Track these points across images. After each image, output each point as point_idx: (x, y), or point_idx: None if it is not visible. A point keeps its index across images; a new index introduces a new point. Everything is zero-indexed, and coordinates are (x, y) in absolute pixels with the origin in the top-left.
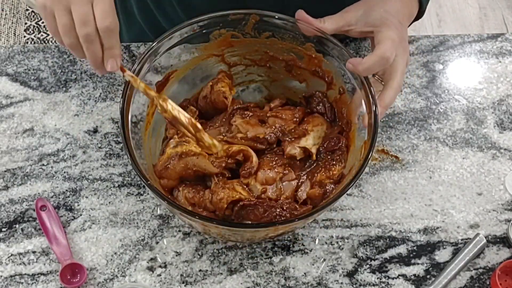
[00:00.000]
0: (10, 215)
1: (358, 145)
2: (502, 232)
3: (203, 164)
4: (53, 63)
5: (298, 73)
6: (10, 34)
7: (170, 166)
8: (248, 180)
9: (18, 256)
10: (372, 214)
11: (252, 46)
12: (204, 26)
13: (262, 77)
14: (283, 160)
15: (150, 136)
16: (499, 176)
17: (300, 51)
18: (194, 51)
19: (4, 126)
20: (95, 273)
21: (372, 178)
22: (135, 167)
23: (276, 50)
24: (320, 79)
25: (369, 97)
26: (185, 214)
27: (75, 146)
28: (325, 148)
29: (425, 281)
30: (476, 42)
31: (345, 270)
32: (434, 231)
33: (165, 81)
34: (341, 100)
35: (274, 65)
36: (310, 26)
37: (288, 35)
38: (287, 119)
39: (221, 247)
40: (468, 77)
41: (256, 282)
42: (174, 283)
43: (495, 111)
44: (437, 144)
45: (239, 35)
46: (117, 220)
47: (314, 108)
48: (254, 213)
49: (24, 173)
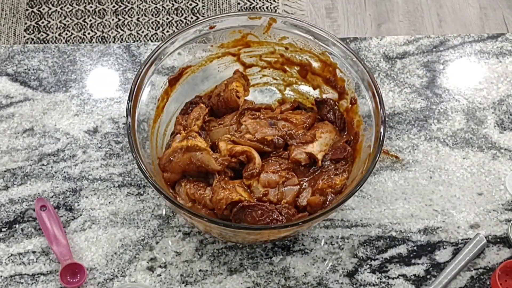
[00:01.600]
0: (10, 215)
1: (363, 157)
2: (502, 232)
3: (207, 160)
4: (53, 63)
5: (312, 79)
6: (10, 34)
7: (174, 160)
8: (251, 182)
9: (18, 256)
10: (373, 214)
11: (269, 48)
12: (222, 25)
13: (276, 81)
14: (288, 164)
15: (158, 130)
16: (500, 176)
17: (315, 57)
18: (209, 48)
19: (4, 126)
20: (95, 273)
21: (372, 178)
22: (140, 164)
23: (292, 54)
24: (332, 88)
25: (379, 108)
26: (188, 214)
27: (75, 146)
28: (330, 156)
29: (425, 281)
30: (476, 42)
31: (345, 270)
32: (435, 231)
33: (178, 76)
34: (352, 110)
35: (289, 69)
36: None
37: (305, 40)
38: (297, 124)
39: (221, 247)
40: (468, 77)
41: (256, 282)
42: (174, 283)
43: (496, 111)
44: (438, 144)
45: (256, 36)
46: (117, 220)
47: (324, 116)
48: (251, 215)
49: (24, 173)
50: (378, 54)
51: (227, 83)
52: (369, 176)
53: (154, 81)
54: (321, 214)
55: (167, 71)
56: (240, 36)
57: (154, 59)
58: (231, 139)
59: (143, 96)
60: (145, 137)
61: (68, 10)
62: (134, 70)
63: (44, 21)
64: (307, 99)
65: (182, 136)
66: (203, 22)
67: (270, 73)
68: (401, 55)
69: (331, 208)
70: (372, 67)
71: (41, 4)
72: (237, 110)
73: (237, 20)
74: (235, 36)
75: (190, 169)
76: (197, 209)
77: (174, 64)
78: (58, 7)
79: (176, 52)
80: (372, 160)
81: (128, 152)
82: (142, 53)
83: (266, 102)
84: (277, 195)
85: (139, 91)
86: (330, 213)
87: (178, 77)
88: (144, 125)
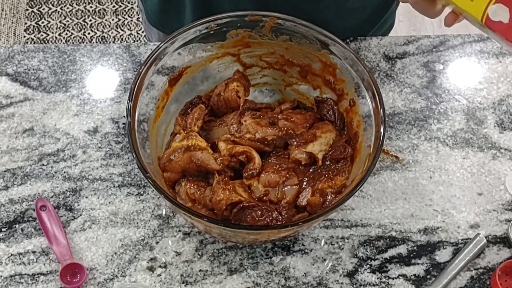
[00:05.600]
0: (10, 215)
1: (363, 157)
2: (503, 232)
3: (207, 159)
4: (53, 63)
5: (313, 79)
6: (10, 34)
7: (174, 159)
8: (251, 182)
9: (18, 256)
10: (373, 214)
11: (269, 48)
12: (222, 25)
13: (276, 81)
14: (288, 164)
15: (158, 130)
16: (500, 176)
17: (315, 58)
18: (209, 48)
19: (4, 126)
20: (95, 273)
21: (372, 178)
22: (140, 164)
23: (292, 55)
24: (331, 90)
25: (379, 108)
26: (187, 214)
27: (75, 146)
28: (330, 155)
29: (425, 281)
30: (476, 42)
31: (345, 270)
32: (435, 231)
33: (178, 76)
34: (352, 111)
35: (289, 69)
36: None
37: (305, 40)
38: (298, 123)
39: (221, 247)
40: (468, 77)
41: (256, 282)
42: (174, 283)
43: (496, 111)
44: (438, 144)
45: (256, 37)
46: (117, 220)
47: (324, 116)
48: (251, 215)
49: (24, 173)
50: (378, 54)
51: (228, 83)
52: (369, 176)
53: (154, 81)
54: (321, 214)
55: (167, 71)
56: (240, 36)
57: (154, 59)
58: (231, 139)
59: (143, 96)
60: (145, 137)
61: (68, 10)
62: (134, 70)
63: (44, 21)
64: (307, 99)
65: (182, 135)
66: (203, 22)
67: (270, 73)
68: (401, 55)
69: (331, 208)
70: (372, 67)
71: (41, 4)
72: (237, 110)
73: (237, 20)
74: (235, 36)
75: (190, 169)
76: (197, 209)
77: (174, 64)
78: (58, 7)
79: (176, 52)
80: (372, 160)
81: (128, 152)
82: (142, 53)
83: (266, 102)
84: (277, 195)
85: (139, 91)
86: (330, 213)
87: (178, 77)
88: (144, 125)
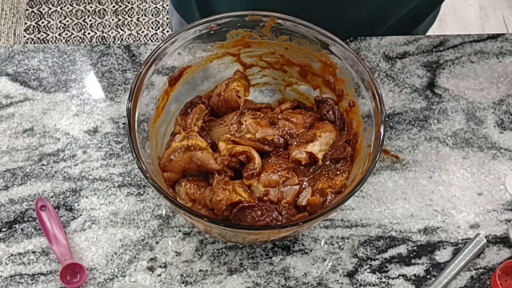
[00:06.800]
0: (10, 215)
1: (363, 157)
2: (503, 232)
3: (207, 159)
4: (53, 63)
5: (313, 79)
6: (10, 34)
7: (174, 159)
8: (251, 182)
9: (18, 256)
10: (373, 214)
11: (269, 48)
12: (222, 25)
13: (276, 81)
14: (288, 164)
15: (158, 130)
16: (500, 176)
17: (315, 58)
18: (209, 48)
19: (4, 126)
20: (95, 273)
21: (372, 178)
22: (140, 164)
23: (292, 55)
24: (330, 90)
25: (379, 108)
26: (187, 214)
27: (75, 146)
28: (330, 155)
29: (425, 281)
30: (476, 42)
31: (345, 270)
32: (435, 231)
33: (178, 76)
34: (351, 111)
35: (289, 69)
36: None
37: (305, 40)
38: (298, 123)
39: (221, 247)
40: (468, 77)
41: (256, 282)
42: (174, 283)
43: (495, 111)
44: (437, 144)
45: (256, 37)
46: (117, 220)
47: (324, 115)
48: (251, 215)
49: (24, 173)
50: (378, 54)
51: (228, 83)
52: (369, 176)
53: (154, 81)
54: (321, 214)
55: (167, 71)
56: (240, 36)
57: (154, 59)
58: (231, 139)
59: (143, 96)
60: (145, 137)
61: (68, 10)
62: (134, 70)
63: (44, 21)
64: (307, 99)
65: (182, 135)
66: (203, 22)
67: (270, 73)
68: (401, 55)
69: (331, 208)
70: (372, 67)
71: (41, 4)
72: (237, 110)
73: (237, 20)
74: (235, 36)
75: (190, 169)
76: (197, 209)
77: (174, 64)
78: (58, 7)
79: (176, 52)
80: (372, 160)
81: (128, 152)
82: (142, 53)
83: (266, 102)
84: (277, 195)
85: (139, 91)
86: (330, 213)
87: (178, 77)
88: (144, 125)
